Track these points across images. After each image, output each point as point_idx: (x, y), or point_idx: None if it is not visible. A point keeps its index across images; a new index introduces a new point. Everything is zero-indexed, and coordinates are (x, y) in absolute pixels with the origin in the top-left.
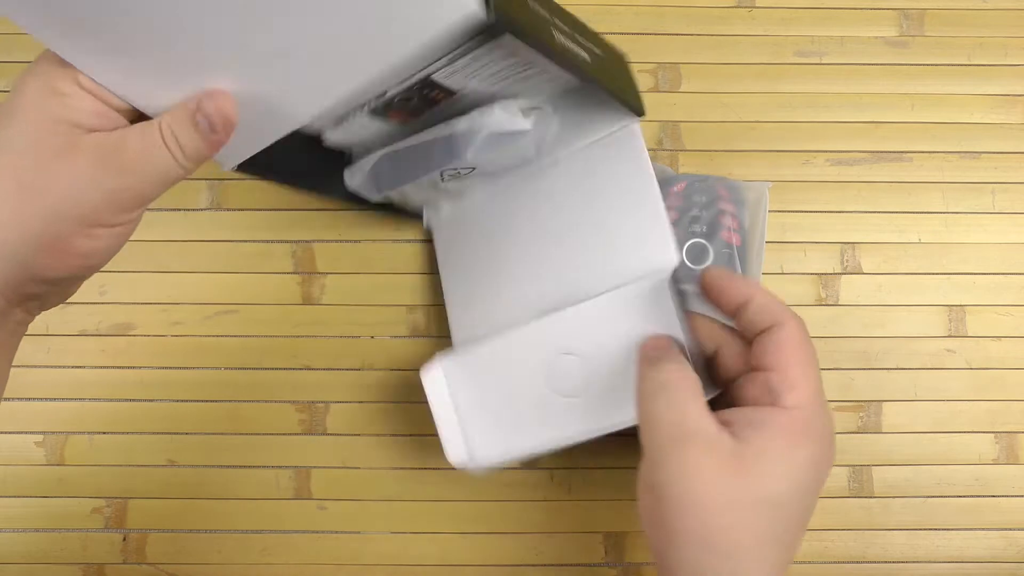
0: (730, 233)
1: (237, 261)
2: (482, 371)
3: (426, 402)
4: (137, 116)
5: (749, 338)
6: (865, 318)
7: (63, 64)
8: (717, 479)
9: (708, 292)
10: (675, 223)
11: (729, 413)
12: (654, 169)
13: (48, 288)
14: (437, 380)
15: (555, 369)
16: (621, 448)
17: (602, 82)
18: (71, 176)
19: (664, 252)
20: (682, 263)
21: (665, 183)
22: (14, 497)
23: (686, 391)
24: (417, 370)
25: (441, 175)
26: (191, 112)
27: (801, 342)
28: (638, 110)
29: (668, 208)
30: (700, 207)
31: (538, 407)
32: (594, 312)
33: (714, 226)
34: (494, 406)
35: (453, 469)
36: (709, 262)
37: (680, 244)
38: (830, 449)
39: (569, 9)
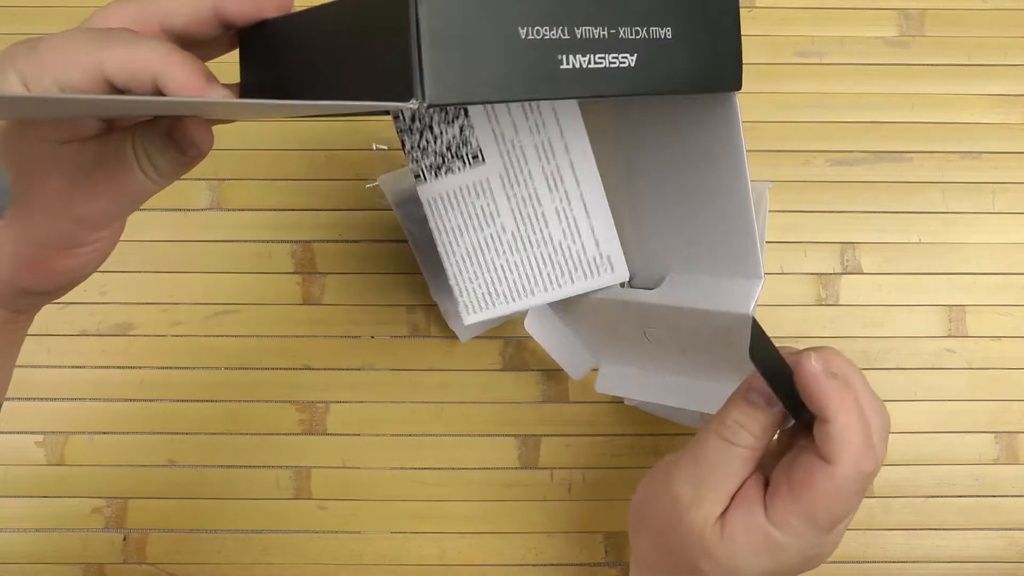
0: None
1: (237, 261)
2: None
3: (426, 402)
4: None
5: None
6: (865, 318)
7: (13, 72)
8: (689, 532)
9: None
10: None
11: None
12: None
13: (41, 297)
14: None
15: (647, 333)
16: (621, 449)
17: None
18: (42, 202)
19: (745, 297)
20: None
21: None
22: (14, 497)
23: (737, 467)
24: (417, 370)
25: None
26: (164, 132)
27: (830, 496)
28: (729, 83)
29: None
30: None
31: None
32: (675, 313)
33: None
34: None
35: (453, 469)
36: None
37: None
38: (800, 569)
39: None
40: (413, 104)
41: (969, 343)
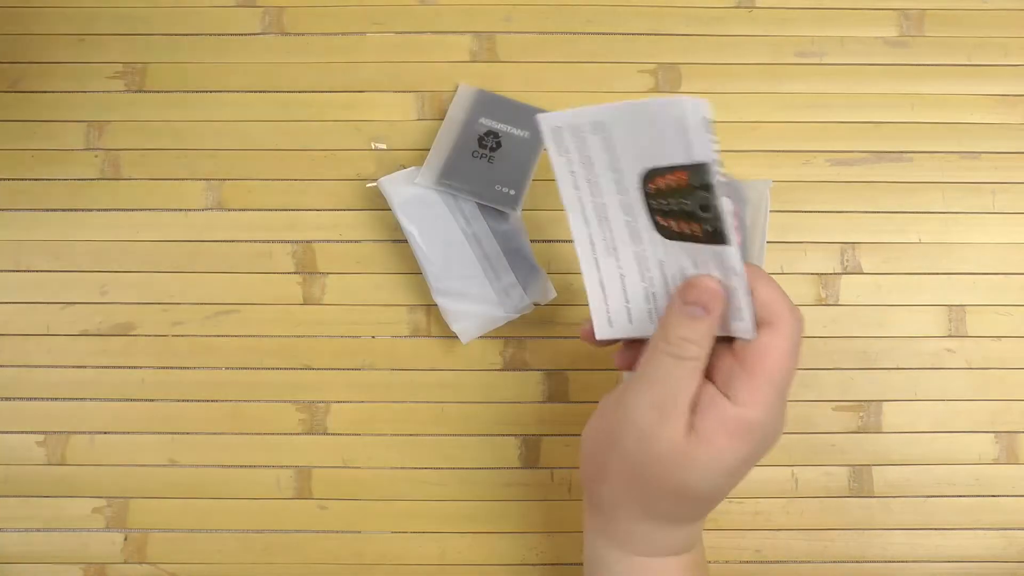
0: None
1: (237, 261)
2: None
3: (426, 402)
4: None
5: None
6: (865, 318)
7: None
8: (663, 456)
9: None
10: None
11: (698, 391)
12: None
13: None
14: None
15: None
16: None
17: None
18: None
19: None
20: None
21: None
22: (14, 497)
23: (691, 380)
24: (417, 370)
25: None
26: None
27: (785, 349)
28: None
29: None
30: None
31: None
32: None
33: None
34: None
35: (453, 469)
36: None
37: None
38: (767, 447)
39: (571, 9)
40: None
41: (969, 343)
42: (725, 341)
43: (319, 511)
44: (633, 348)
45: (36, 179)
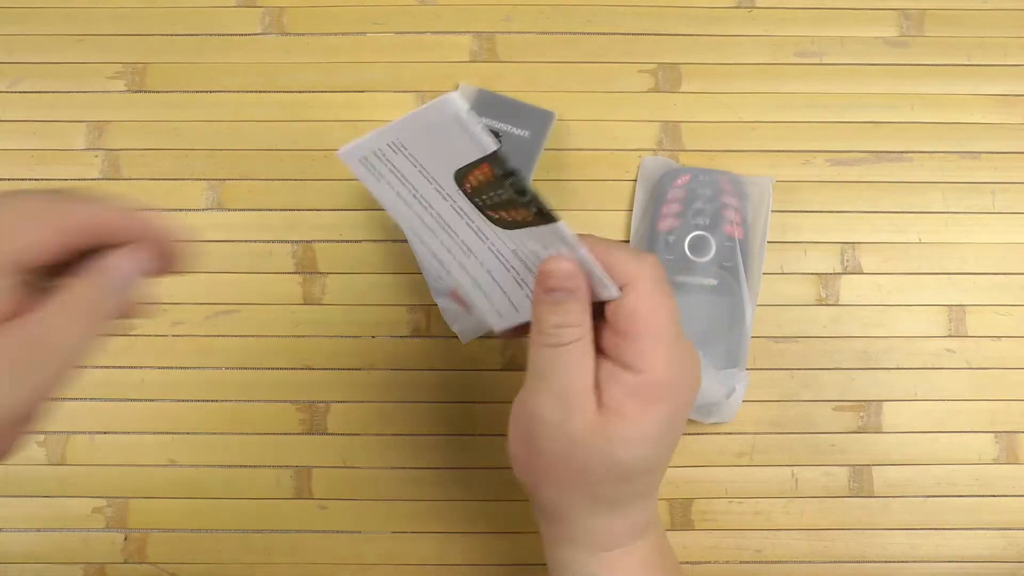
0: (733, 227)
1: (237, 261)
2: None
3: (426, 402)
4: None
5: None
6: (865, 318)
7: None
8: (582, 442)
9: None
10: (678, 215)
11: (597, 370)
12: (658, 162)
13: None
14: None
15: None
16: None
17: None
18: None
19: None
20: (684, 255)
21: (669, 175)
22: (15, 497)
23: (582, 361)
24: (417, 370)
25: None
26: (112, 288)
27: (652, 300)
28: None
29: (671, 201)
30: (703, 200)
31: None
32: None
33: (717, 219)
34: None
35: (453, 469)
36: (712, 255)
37: (683, 236)
38: (686, 400)
39: (571, 9)
40: None
41: (969, 343)
42: (602, 316)
43: (319, 511)
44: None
45: (36, 179)
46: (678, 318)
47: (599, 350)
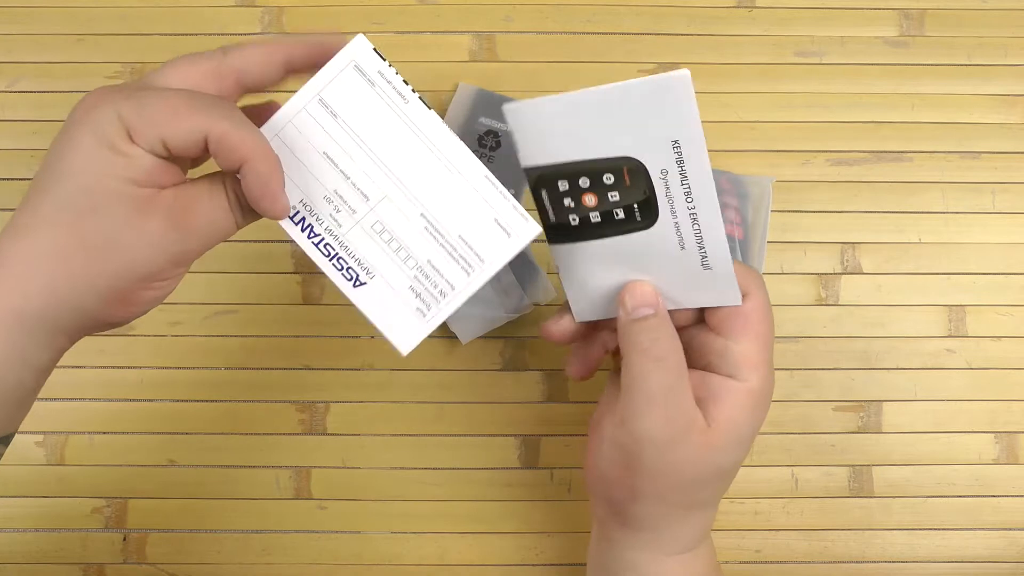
0: (732, 226)
1: (237, 261)
2: None
3: (426, 402)
4: (189, 163)
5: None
6: (865, 318)
7: (115, 117)
8: (690, 458)
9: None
10: None
11: (696, 382)
12: None
13: (107, 328)
14: None
15: None
16: None
17: None
18: (139, 241)
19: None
20: None
21: None
22: (14, 497)
23: (678, 369)
24: (417, 370)
25: None
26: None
27: (766, 315)
28: None
29: None
30: None
31: None
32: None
33: None
34: None
35: (453, 469)
36: None
37: None
38: (770, 400)
39: (571, 9)
40: None
41: (969, 343)
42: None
43: (318, 511)
44: (581, 353)
45: None
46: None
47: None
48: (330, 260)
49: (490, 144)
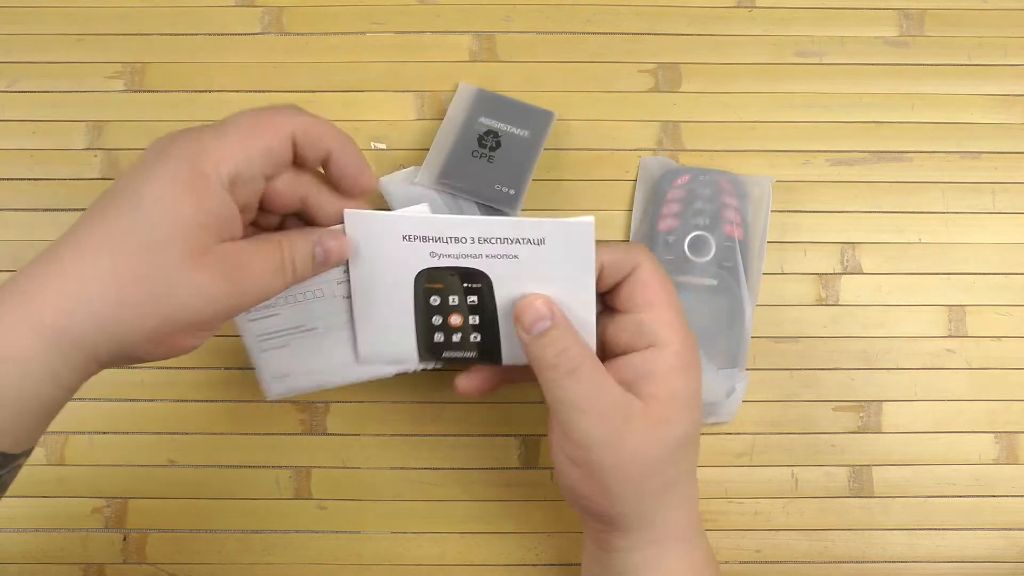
0: (732, 227)
1: None
2: None
3: (426, 402)
4: (249, 218)
5: (607, 288)
6: (865, 318)
7: (196, 145)
8: (642, 442)
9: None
10: (678, 215)
11: (620, 369)
12: (658, 161)
13: (135, 362)
14: None
15: None
16: None
17: None
18: (193, 290)
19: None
20: (684, 255)
21: (669, 175)
22: (14, 497)
23: (593, 370)
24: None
25: None
26: (313, 243)
27: (664, 279)
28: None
29: (671, 200)
30: (703, 200)
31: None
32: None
33: (716, 219)
34: None
35: (453, 469)
36: (711, 255)
37: (682, 236)
38: (695, 349)
39: (571, 9)
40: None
41: (969, 343)
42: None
43: (318, 511)
44: (479, 373)
45: (36, 179)
46: (673, 289)
47: (606, 354)
48: None
49: (490, 144)
